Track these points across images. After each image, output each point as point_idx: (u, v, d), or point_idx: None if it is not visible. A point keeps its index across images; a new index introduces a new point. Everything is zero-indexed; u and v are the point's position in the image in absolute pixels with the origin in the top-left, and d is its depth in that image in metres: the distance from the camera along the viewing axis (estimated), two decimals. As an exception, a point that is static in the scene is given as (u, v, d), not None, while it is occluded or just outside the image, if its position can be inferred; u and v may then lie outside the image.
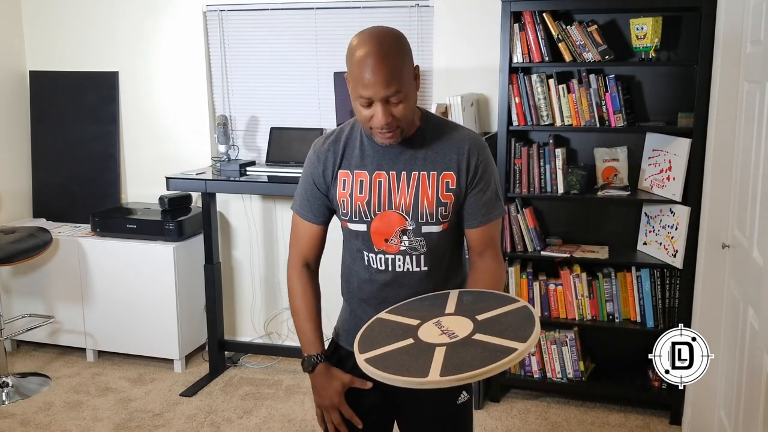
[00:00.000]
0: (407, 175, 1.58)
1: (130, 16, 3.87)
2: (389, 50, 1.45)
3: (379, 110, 1.46)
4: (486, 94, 3.40)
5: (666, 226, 3.09)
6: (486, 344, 1.32)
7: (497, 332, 1.34)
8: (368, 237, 1.61)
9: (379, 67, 1.43)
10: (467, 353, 1.30)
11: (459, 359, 1.29)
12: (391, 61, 1.44)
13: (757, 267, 2.12)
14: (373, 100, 1.46)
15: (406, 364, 1.31)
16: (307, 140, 3.63)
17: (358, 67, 1.45)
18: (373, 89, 1.44)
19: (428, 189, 1.57)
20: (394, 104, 1.47)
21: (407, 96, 1.48)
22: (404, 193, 1.58)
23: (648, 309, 3.13)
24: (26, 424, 3.17)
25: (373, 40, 1.46)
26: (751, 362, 2.16)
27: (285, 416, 3.23)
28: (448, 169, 1.58)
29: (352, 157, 1.62)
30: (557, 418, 3.18)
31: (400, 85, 1.45)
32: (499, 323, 1.38)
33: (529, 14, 3.05)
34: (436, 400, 1.68)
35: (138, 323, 3.69)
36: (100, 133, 4.02)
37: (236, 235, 3.94)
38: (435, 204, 1.57)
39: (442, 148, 1.59)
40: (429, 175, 1.58)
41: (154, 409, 3.30)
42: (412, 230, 1.58)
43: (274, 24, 3.69)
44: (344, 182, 1.62)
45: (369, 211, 1.59)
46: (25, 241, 3.44)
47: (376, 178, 1.59)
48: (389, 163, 1.59)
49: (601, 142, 3.26)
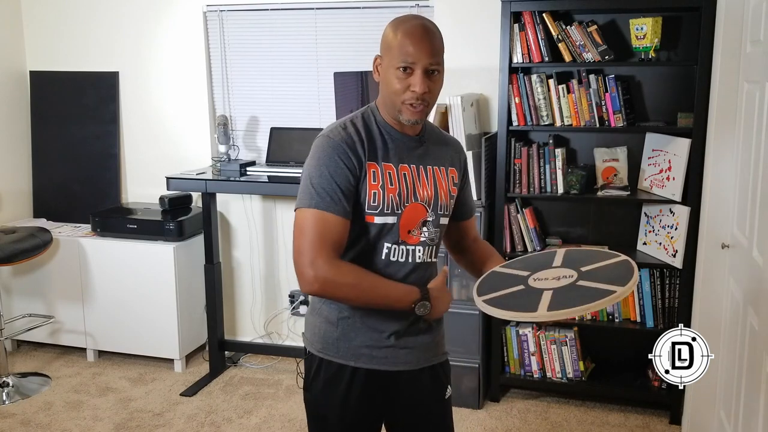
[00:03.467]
0: (424, 168, 1.65)
1: (131, 16, 3.87)
2: (433, 28, 1.56)
3: (419, 78, 1.51)
4: (486, 94, 3.40)
5: (666, 226, 3.09)
6: (588, 288, 1.45)
7: (598, 279, 1.48)
8: (396, 229, 1.59)
9: (426, 36, 1.52)
10: (571, 294, 1.44)
11: (563, 299, 1.43)
12: (438, 36, 1.56)
13: (757, 267, 2.12)
14: (414, 68, 1.51)
15: (517, 303, 1.47)
16: (307, 140, 3.61)
17: (405, 35, 1.52)
18: (419, 55, 1.51)
19: (443, 182, 1.67)
20: (433, 77, 1.54)
21: (441, 74, 1.56)
22: (425, 186, 1.64)
23: (648, 309, 3.13)
24: (26, 423, 3.18)
25: (420, 17, 1.57)
26: (751, 362, 2.16)
27: (285, 416, 3.23)
28: (452, 165, 1.71)
29: (377, 149, 1.59)
30: (557, 418, 3.18)
31: (442, 60, 1.55)
32: (602, 272, 1.52)
33: (529, 14, 3.05)
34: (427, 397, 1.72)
35: (138, 323, 3.69)
36: (100, 133, 4.02)
37: (236, 235, 3.94)
38: (448, 196, 1.68)
39: (441, 147, 1.70)
40: (440, 169, 1.67)
41: (154, 409, 3.30)
42: (431, 221, 1.64)
43: (274, 24, 3.69)
44: (374, 174, 1.57)
45: (400, 202, 1.60)
46: (25, 241, 3.45)
47: (401, 170, 1.61)
48: (408, 156, 1.63)
49: (601, 142, 3.26)
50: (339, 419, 1.67)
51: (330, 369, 1.65)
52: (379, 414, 1.72)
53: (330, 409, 1.67)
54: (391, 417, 1.73)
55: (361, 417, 1.68)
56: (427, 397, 1.72)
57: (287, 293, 3.90)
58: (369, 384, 1.65)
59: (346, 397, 1.64)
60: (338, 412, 1.66)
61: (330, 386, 1.65)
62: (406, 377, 1.67)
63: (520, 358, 3.31)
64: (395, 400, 1.69)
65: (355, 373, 1.63)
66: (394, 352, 1.64)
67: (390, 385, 1.67)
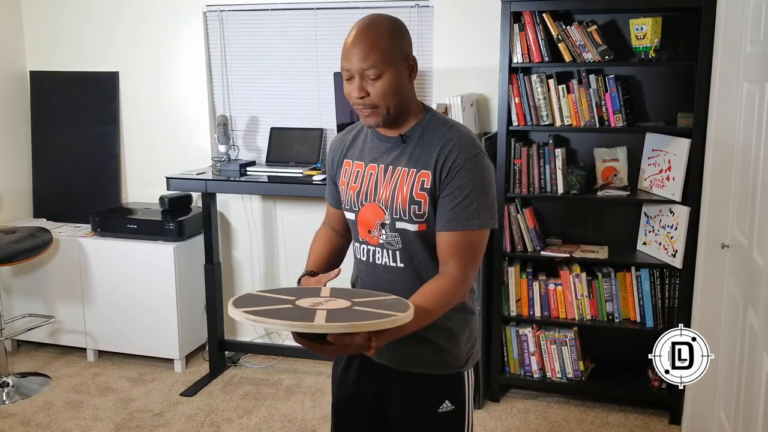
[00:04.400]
0: (392, 169, 1.60)
1: (131, 16, 3.87)
2: (376, 28, 1.50)
3: (355, 84, 1.51)
4: (486, 94, 3.40)
5: (666, 226, 3.09)
6: (366, 312, 1.37)
7: (374, 307, 1.40)
8: (355, 226, 1.67)
9: (358, 40, 1.49)
10: (348, 314, 1.35)
11: (340, 317, 1.32)
12: (375, 37, 1.49)
13: (757, 267, 2.12)
14: (352, 74, 1.51)
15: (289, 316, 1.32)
16: (307, 140, 3.64)
17: (346, 41, 1.52)
18: (351, 61, 1.50)
19: (404, 185, 1.57)
20: (371, 80, 1.50)
21: (386, 75, 1.50)
22: (386, 187, 1.60)
23: (648, 309, 3.13)
24: (26, 423, 3.18)
25: (366, 19, 1.54)
26: (751, 362, 2.16)
27: (285, 416, 3.23)
28: (426, 168, 1.55)
29: (356, 149, 1.69)
30: (557, 418, 3.18)
31: (378, 61, 1.48)
32: (376, 304, 1.44)
33: (528, 14, 3.05)
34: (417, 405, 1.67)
35: (138, 323, 3.69)
36: (100, 133, 4.02)
37: (236, 235, 3.94)
38: (408, 201, 1.56)
39: (427, 146, 1.57)
40: (409, 171, 1.57)
41: (154, 409, 3.30)
42: (388, 224, 1.60)
43: (274, 24, 3.69)
44: (345, 171, 1.69)
45: (357, 200, 1.64)
46: (25, 241, 3.45)
47: (369, 169, 1.63)
48: (382, 156, 1.63)
49: (601, 142, 3.26)
50: (337, 390, 1.79)
51: None
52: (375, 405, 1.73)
53: (334, 376, 1.80)
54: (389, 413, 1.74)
55: (357, 398, 1.74)
56: (416, 404, 1.67)
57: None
58: (363, 370, 1.72)
59: (344, 373, 1.76)
60: (338, 383, 1.78)
61: (336, 362, 1.79)
62: (395, 375, 1.66)
63: (520, 358, 3.31)
64: (387, 397, 1.70)
65: (354, 355, 1.71)
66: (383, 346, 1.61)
67: (381, 378, 1.70)
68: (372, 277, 1.66)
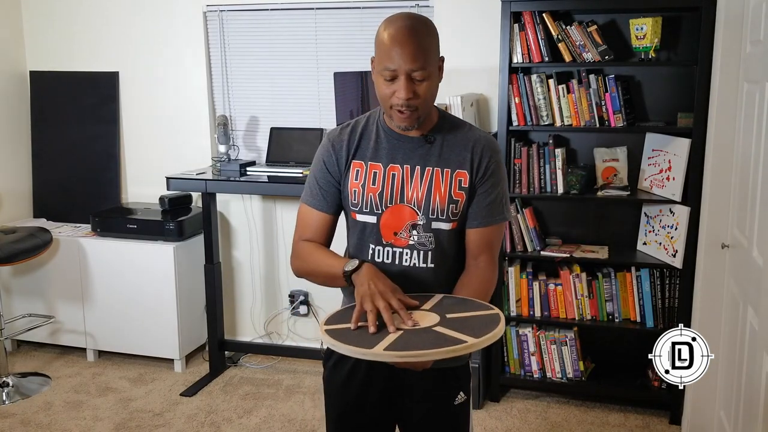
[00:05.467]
0: (421, 169, 1.59)
1: (131, 16, 3.87)
2: (419, 28, 1.50)
3: (402, 84, 1.48)
4: (486, 94, 3.40)
5: (666, 226, 3.09)
6: (440, 334, 1.36)
7: (457, 328, 1.38)
8: (377, 229, 1.62)
9: (407, 40, 1.47)
10: (419, 339, 1.35)
11: (406, 342, 1.34)
12: (420, 38, 1.48)
13: (757, 267, 2.12)
14: (397, 74, 1.48)
15: (358, 339, 1.36)
16: (307, 140, 3.64)
17: (387, 40, 1.49)
18: (399, 61, 1.47)
19: (441, 185, 1.59)
20: (417, 81, 1.49)
21: (430, 78, 1.50)
22: (417, 188, 1.58)
23: (648, 309, 3.13)
24: (27, 423, 3.18)
25: (405, 18, 1.51)
26: (751, 362, 2.16)
27: (285, 416, 3.23)
28: (461, 167, 1.60)
29: (368, 149, 1.63)
30: (557, 418, 3.18)
31: (426, 63, 1.48)
32: (465, 322, 1.42)
33: (528, 14, 3.05)
34: (434, 399, 1.68)
35: (138, 323, 3.69)
36: (100, 133, 4.02)
37: (236, 235, 3.94)
38: (447, 200, 1.59)
39: (456, 146, 1.60)
40: (443, 171, 1.59)
41: (154, 409, 3.31)
42: (422, 225, 1.59)
43: (274, 24, 3.69)
44: (357, 172, 1.62)
45: (381, 203, 1.60)
46: (25, 241, 3.45)
47: (390, 170, 1.60)
48: (404, 157, 1.60)
49: (601, 142, 3.26)
50: (340, 399, 1.73)
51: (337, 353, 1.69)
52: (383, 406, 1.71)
53: (334, 387, 1.74)
54: (399, 414, 1.73)
55: (362, 402, 1.70)
56: (432, 399, 1.68)
57: (287, 293, 3.90)
58: (372, 371, 1.67)
59: (348, 379, 1.70)
60: (340, 391, 1.72)
61: (338, 366, 1.71)
62: (411, 373, 1.64)
63: (520, 358, 3.31)
64: (400, 396, 1.69)
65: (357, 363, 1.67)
66: None
67: (393, 377, 1.66)
68: (397, 279, 1.57)
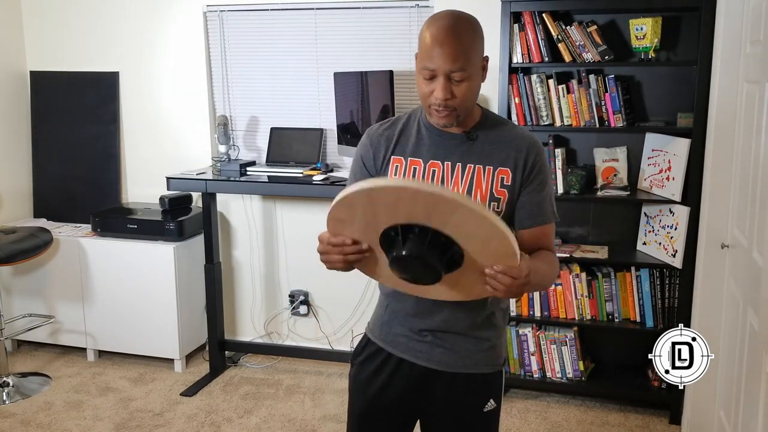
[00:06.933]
0: (462, 167, 1.57)
1: (131, 16, 3.87)
2: (462, 28, 1.47)
3: (440, 84, 1.47)
4: (486, 94, 3.40)
5: (665, 226, 3.09)
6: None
7: None
8: None
9: (448, 41, 1.45)
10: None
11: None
12: (462, 39, 1.46)
13: (757, 267, 2.12)
14: (435, 74, 1.47)
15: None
16: (307, 140, 3.64)
17: (429, 39, 1.47)
18: (438, 61, 1.45)
19: (483, 183, 1.56)
20: (456, 82, 1.47)
21: (470, 78, 1.48)
22: (458, 185, 1.56)
23: (647, 309, 3.13)
24: (27, 423, 3.18)
25: (449, 17, 1.48)
26: (751, 362, 2.17)
27: (285, 416, 3.23)
28: (504, 165, 1.56)
29: (408, 144, 1.62)
30: (557, 418, 3.18)
31: (466, 64, 1.46)
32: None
33: (528, 14, 3.05)
34: (462, 405, 1.66)
35: (138, 323, 3.69)
36: (100, 133, 4.02)
37: (236, 235, 3.94)
38: (488, 198, 1.56)
39: (499, 144, 1.58)
40: (485, 169, 1.56)
41: (154, 409, 3.31)
42: None
43: (274, 24, 3.69)
44: (396, 168, 1.61)
45: None
46: (25, 241, 3.45)
47: (430, 167, 1.58)
48: (445, 153, 1.58)
49: (601, 142, 3.26)
50: (362, 397, 1.73)
51: (371, 349, 1.72)
52: (407, 407, 1.71)
53: (358, 383, 1.74)
54: (424, 416, 1.72)
55: (385, 402, 1.70)
56: (461, 404, 1.66)
57: (287, 293, 3.91)
58: (399, 373, 1.67)
59: (372, 378, 1.70)
60: (363, 389, 1.72)
61: (365, 364, 1.72)
62: (439, 377, 1.64)
63: (520, 358, 3.31)
64: (426, 399, 1.68)
65: (388, 358, 1.68)
66: (429, 348, 1.63)
67: (422, 381, 1.66)
68: None
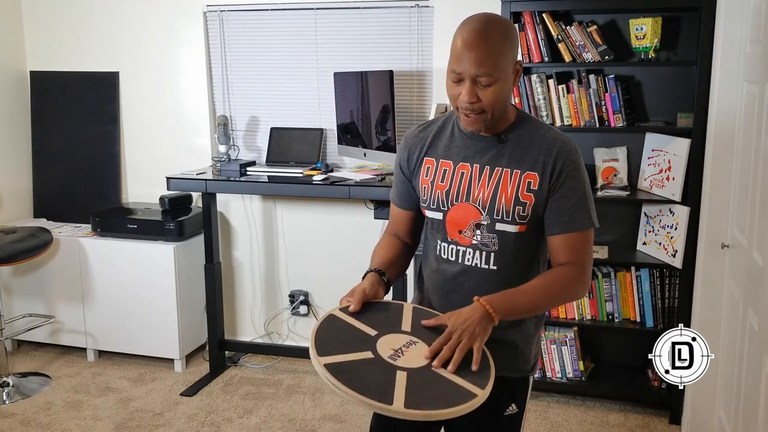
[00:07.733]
0: (490, 169, 1.57)
1: (130, 16, 3.87)
2: (492, 33, 1.47)
3: (467, 88, 1.47)
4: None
5: (665, 226, 3.09)
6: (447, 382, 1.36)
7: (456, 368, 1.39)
8: (443, 226, 1.62)
9: (476, 45, 1.45)
10: (430, 389, 1.33)
11: (421, 392, 1.31)
12: (491, 43, 1.46)
13: (757, 267, 2.12)
14: (462, 77, 1.47)
15: (369, 381, 1.32)
16: (307, 140, 3.64)
17: (459, 42, 1.48)
18: (465, 65, 1.46)
19: (508, 186, 1.55)
20: (483, 86, 1.47)
21: (498, 83, 1.47)
22: (483, 187, 1.57)
23: (647, 309, 3.13)
24: (27, 423, 3.18)
25: (481, 20, 1.49)
26: (751, 362, 2.17)
27: (285, 416, 3.23)
28: (532, 169, 1.54)
29: (440, 146, 1.64)
30: (557, 418, 3.18)
31: (493, 69, 1.45)
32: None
33: (528, 14, 3.05)
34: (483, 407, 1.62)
35: (138, 323, 3.69)
36: (100, 133, 4.02)
37: (236, 235, 3.94)
38: (513, 202, 1.55)
39: (530, 147, 1.56)
40: (512, 172, 1.55)
41: (154, 409, 3.31)
42: (486, 225, 1.57)
43: (274, 24, 3.69)
44: (428, 169, 1.64)
45: (447, 200, 1.60)
46: (25, 241, 3.45)
47: (460, 169, 1.59)
48: (475, 156, 1.59)
49: (601, 142, 3.26)
50: None
51: None
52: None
53: None
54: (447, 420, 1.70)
55: None
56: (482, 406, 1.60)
57: (287, 293, 3.91)
58: None
59: None
60: None
61: None
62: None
63: (520, 358, 3.30)
64: None
65: None
66: None
67: None
68: (459, 277, 1.60)
